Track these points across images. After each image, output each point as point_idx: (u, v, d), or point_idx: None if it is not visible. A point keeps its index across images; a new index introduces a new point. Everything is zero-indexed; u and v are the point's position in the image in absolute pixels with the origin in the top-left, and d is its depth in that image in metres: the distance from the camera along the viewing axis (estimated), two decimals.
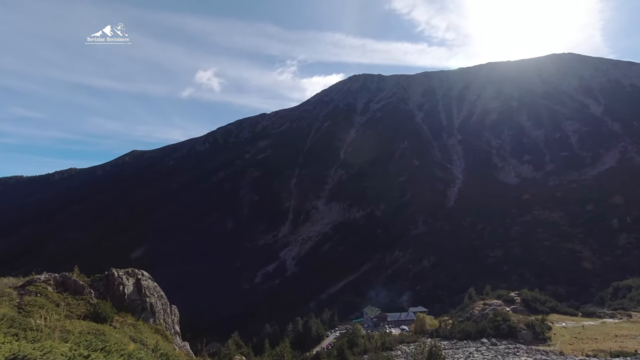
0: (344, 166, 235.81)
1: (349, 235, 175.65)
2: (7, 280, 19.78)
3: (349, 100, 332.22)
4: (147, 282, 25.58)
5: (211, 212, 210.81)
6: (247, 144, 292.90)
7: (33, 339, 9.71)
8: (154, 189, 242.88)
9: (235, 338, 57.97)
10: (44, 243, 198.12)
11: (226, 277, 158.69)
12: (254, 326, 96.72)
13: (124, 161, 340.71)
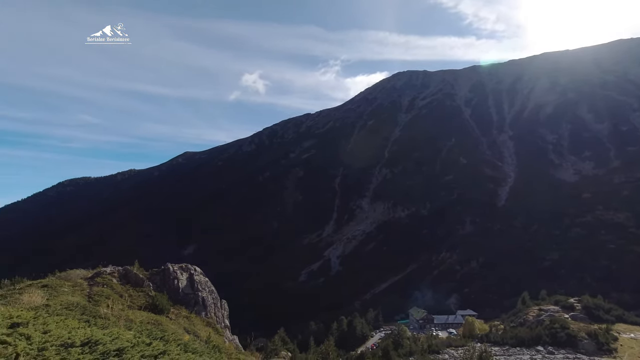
0: (389, 165, 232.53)
1: (394, 235, 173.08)
2: (79, 272, 21.84)
3: (393, 98, 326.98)
4: (199, 277, 27.05)
5: (257, 212, 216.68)
6: (292, 144, 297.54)
7: (102, 325, 10.76)
8: (204, 189, 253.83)
9: (281, 334, 59.39)
10: (107, 238, 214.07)
11: (271, 275, 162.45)
12: (298, 323, 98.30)
13: (177, 162, 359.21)
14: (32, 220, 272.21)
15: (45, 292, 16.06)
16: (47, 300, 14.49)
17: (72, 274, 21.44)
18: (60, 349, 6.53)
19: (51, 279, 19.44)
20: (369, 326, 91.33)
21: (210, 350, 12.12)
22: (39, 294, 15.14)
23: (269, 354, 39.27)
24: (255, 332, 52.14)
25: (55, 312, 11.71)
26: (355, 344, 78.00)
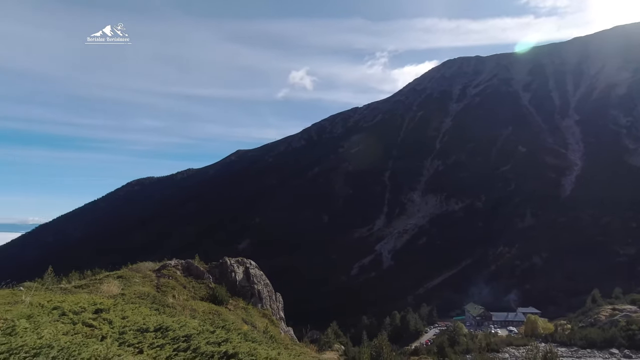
0: (440, 157, 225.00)
1: (447, 229, 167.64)
2: (147, 264, 23.82)
3: (443, 87, 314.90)
4: (255, 271, 28.26)
5: (307, 206, 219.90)
6: (340, 139, 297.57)
7: (170, 313, 11.78)
8: (255, 186, 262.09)
9: (334, 327, 60.14)
10: (169, 233, 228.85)
11: (323, 269, 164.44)
12: (351, 317, 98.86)
13: (230, 160, 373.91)
14: (107, 217, 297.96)
15: (120, 283, 17.79)
16: (122, 290, 16.06)
17: (141, 266, 23.44)
18: (137, 333, 7.32)
19: (125, 271, 21.40)
20: (422, 322, 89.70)
21: (267, 340, 12.76)
22: (116, 284, 16.82)
23: (323, 346, 40.06)
24: (307, 325, 53.34)
25: (130, 301, 13.01)
26: (408, 339, 77.05)
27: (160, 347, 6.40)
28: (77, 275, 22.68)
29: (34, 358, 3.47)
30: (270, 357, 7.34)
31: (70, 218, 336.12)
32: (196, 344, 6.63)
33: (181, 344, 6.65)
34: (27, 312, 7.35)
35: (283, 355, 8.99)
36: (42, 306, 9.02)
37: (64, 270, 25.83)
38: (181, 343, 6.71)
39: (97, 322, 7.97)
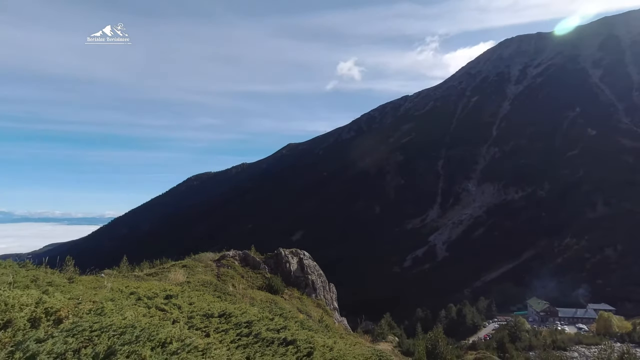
0: (497, 143, 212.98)
1: (506, 219, 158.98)
2: (208, 255, 25.34)
3: (500, 69, 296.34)
4: (308, 262, 28.92)
5: (358, 198, 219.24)
6: (391, 129, 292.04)
7: (231, 301, 12.53)
8: (307, 178, 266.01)
9: (387, 319, 59.87)
10: (226, 226, 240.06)
11: (375, 260, 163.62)
12: (404, 309, 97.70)
13: (282, 154, 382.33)
14: (171, 210, 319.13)
15: (185, 271, 19.14)
16: (188, 278, 17.30)
17: (203, 257, 24.97)
18: (203, 318, 7.91)
19: (188, 261, 22.95)
20: (480, 316, 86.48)
21: (323, 328, 13.11)
22: (181, 272, 18.14)
23: (376, 337, 40.13)
24: (360, 316, 53.59)
25: (194, 288, 13.99)
26: (465, 333, 74.72)
27: (224, 332, 6.88)
28: (148, 264, 24.71)
29: (121, 336, 3.95)
30: (326, 345, 7.58)
31: (140, 212, 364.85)
32: (257, 330, 7.04)
33: (243, 330, 7.09)
34: (110, 296, 8.23)
35: (339, 344, 9.22)
36: (121, 291, 10.01)
37: (136, 259, 28.26)
38: (243, 328, 7.15)
39: (168, 306, 8.70)
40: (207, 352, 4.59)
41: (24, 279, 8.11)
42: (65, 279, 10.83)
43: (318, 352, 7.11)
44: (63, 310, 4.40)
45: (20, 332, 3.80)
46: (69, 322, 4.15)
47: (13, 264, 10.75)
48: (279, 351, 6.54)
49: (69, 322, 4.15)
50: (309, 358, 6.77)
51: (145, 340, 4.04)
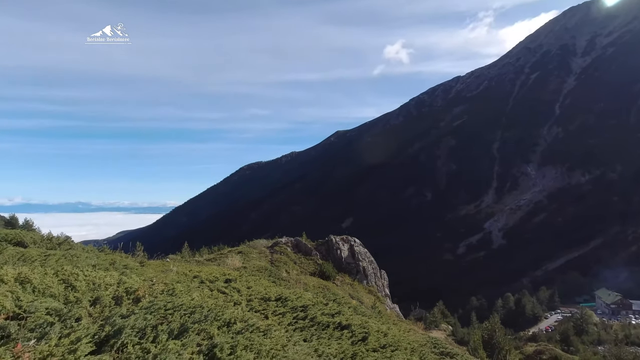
0: (561, 122, 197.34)
1: (570, 204, 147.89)
2: (262, 242, 26.36)
3: (564, 40, 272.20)
4: (359, 248, 29.05)
5: (409, 184, 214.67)
6: (442, 112, 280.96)
7: (285, 286, 13.02)
8: (356, 165, 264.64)
9: (440, 307, 58.70)
10: (277, 214, 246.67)
11: (427, 247, 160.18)
12: (458, 298, 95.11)
13: (330, 142, 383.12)
14: (225, 199, 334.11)
15: (241, 257, 20.10)
16: (244, 264, 18.16)
17: (257, 243, 26.00)
18: (261, 301, 8.32)
19: (243, 247, 24.04)
20: (541, 306, 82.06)
21: (376, 314, 13.21)
22: (237, 258, 19.08)
23: (429, 325, 39.60)
24: (412, 304, 53.00)
25: (251, 273, 14.67)
26: (524, 324, 71.40)
27: (282, 315, 7.19)
28: (206, 250, 26.24)
29: (191, 315, 4.30)
30: (381, 331, 7.66)
31: (197, 201, 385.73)
32: (313, 314, 7.28)
33: (299, 313, 7.37)
34: (176, 279, 8.90)
35: (393, 330, 9.27)
36: (185, 275, 10.76)
37: (195, 245, 30.10)
38: (299, 312, 7.43)
39: (228, 290, 9.23)
40: (267, 333, 4.86)
41: (103, 262, 9.01)
42: (137, 263, 11.85)
43: (373, 337, 7.22)
44: (140, 290, 4.86)
45: (107, 308, 4.26)
46: (146, 301, 4.59)
47: (94, 249, 11.94)
48: (335, 335, 6.73)
49: (146, 301, 4.59)
50: (363, 343, 6.90)
51: (212, 319, 4.37)
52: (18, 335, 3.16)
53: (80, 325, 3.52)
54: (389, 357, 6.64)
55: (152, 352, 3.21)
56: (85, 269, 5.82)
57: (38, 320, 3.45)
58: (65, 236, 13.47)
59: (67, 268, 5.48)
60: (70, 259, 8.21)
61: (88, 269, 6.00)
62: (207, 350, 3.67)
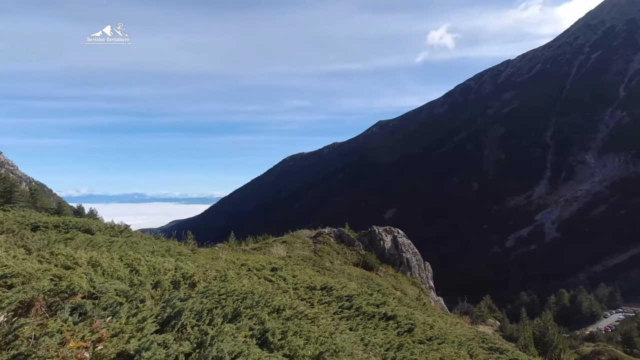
0: (626, 106, 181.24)
1: (636, 195, 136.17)
2: (305, 232, 26.81)
3: (631, 15, 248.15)
4: (403, 239, 28.69)
5: (454, 174, 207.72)
6: (489, 99, 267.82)
7: (329, 275, 13.20)
8: (399, 155, 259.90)
9: (487, 301, 56.80)
10: (319, 204, 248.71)
11: (473, 240, 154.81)
12: (506, 292, 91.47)
13: (372, 132, 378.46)
14: (269, 190, 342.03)
15: (285, 247, 20.58)
16: (288, 253, 18.59)
17: (300, 233, 26.47)
18: (307, 290, 8.50)
19: (287, 237, 24.58)
20: (600, 304, 76.92)
21: (421, 306, 13.07)
22: (282, 247, 19.57)
23: (476, 320, 38.46)
24: (465, 296, 51.75)
25: (295, 262, 15.01)
26: (580, 323, 67.37)
27: (327, 304, 7.32)
28: (252, 240, 27.11)
29: (243, 300, 4.51)
30: (427, 323, 7.58)
31: (242, 192, 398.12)
32: (358, 304, 7.34)
33: (345, 303, 7.46)
34: (225, 266, 9.30)
35: (439, 323, 9.13)
36: (234, 262, 11.21)
37: (241, 234, 31.18)
38: (345, 302, 7.52)
39: (274, 278, 9.52)
40: (315, 321, 4.97)
41: (160, 248, 9.60)
42: (189, 250, 12.52)
43: (419, 328, 7.16)
44: (196, 276, 5.15)
45: (166, 292, 4.57)
46: (201, 286, 4.86)
47: (151, 237, 12.75)
48: (380, 325, 6.76)
49: (201, 286, 4.86)
50: (409, 334, 6.87)
51: (263, 305, 4.55)
52: (93, 313, 3.48)
53: (145, 306, 3.81)
54: (435, 350, 6.57)
55: (209, 333, 3.41)
56: (145, 255, 6.25)
57: (109, 300, 3.77)
58: (125, 224, 14.47)
59: (130, 253, 5.92)
60: (131, 245, 8.83)
61: (147, 255, 6.44)
62: (260, 334, 3.83)
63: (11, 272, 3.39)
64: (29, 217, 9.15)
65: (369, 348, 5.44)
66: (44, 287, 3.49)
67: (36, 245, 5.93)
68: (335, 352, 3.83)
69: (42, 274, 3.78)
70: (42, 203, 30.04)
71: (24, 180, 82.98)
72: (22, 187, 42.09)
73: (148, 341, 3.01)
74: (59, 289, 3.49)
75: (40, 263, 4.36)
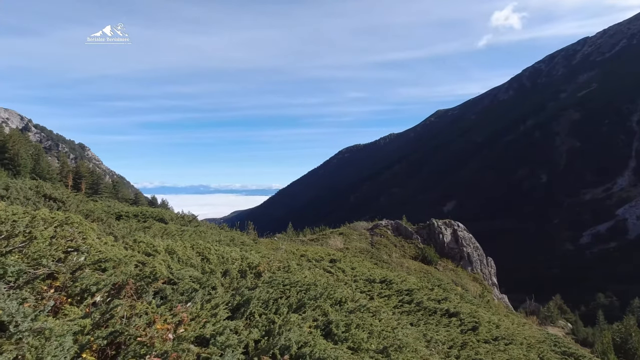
0: None
1: None
2: (362, 224, 26.76)
3: None
4: (463, 233, 27.58)
5: (520, 165, 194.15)
6: (562, 82, 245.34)
7: (387, 268, 13.08)
8: (459, 145, 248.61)
9: (557, 301, 52.83)
10: (376, 196, 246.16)
11: (542, 235, 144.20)
12: (579, 293, 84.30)
13: (430, 121, 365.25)
14: (325, 182, 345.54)
15: (342, 238, 20.73)
16: (345, 245, 18.71)
17: (357, 225, 26.47)
18: (366, 282, 8.51)
19: (344, 229, 24.72)
20: None
21: (484, 304, 12.52)
22: (339, 239, 19.73)
23: (544, 321, 36.07)
24: (523, 295, 48.76)
25: (353, 254, 15.07)
26: None
27: (387, 297, 7.27)
28: (309, 231, 27.65)
29: (307, 291, 4.63)
30: (492, 322, 7.25)
31: (299, 184, 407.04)
32: (419, 298, 7.21)
33: (405, 297, 7.36)
34: (285, 257, 9.60)
35: (505, 322, 8.68)
36: (293, 253, 11.52)
37: (298, 225, 31.92)
38: (405, 296, 7.42)
39: (333, 269, 9.64)
40: (377, 314, 4.97)
41: (225, 238, 10.15)
42: (251, 240, 13.09)
43: (484, 327, 6.87)
44: (261, 266, 5.39)
45: (234, 280, 4.83)
46: (266, 276, 5.08)
47: (216, 226, 13.52)
48: (442, 322, 6.58)
49: (266, 276, 5.08)
50: (474, 332, 6.61)
51: (325, 297, 4.64)
52: (172, 297, 3.79)
53: (217, 293, 4.06)
54: (502, 351, 6.27)
55: (276, 322, 3.56)
56: (214, 244, 6.65)
57: (185, 286, 4.07)
58: (192, 215, 15.48)
59: (200, 242, 6.32)
60: (200, 234, 9.44)
61: (215, 244, 6.84)
62: (324, 325, 3.92)
63: (104, 257, 3.79)
64: (113, 207, 10.13)
65: (431, 345, 5.34)
66: (130, 271, 3.87)
67: (121, 233, 6.56)
68: (399, 347, 3.81)
69: (128, 260, 4.17)
70: (123, 194, 33.11)
71: (107, 174, 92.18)
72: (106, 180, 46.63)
73: (221, 327, 3.21)
74: (143, 274, 3.84)
75: (126, 249, 4.82)
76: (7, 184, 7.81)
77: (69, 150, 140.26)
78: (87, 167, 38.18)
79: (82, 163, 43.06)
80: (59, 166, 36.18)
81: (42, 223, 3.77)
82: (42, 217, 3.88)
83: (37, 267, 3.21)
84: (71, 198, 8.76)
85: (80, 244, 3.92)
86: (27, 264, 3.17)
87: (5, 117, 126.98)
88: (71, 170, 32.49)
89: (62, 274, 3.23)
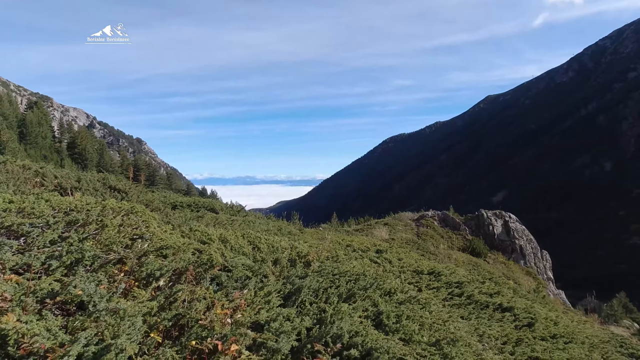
0: None
1: None
2: (407, 214, 26.28)
3: None
4: (515, 225, 26.28)
5: (580, 152, 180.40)
6: (631, 60, 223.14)
7: (435, 260, 12.81)
8: (510, 132, 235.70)
9: (622, 299, 48.96)
10: (421, 186, 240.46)
11: (605, 228, 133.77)
12: None
13: (479, 108, 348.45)
14: (370, 172, 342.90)
15: (387, 229, 20.52)
16: (391, 235, 18.51)
17: (402, 216, 26.04)
18: (413, 274, 8.39)
19: (389, 219, 24.44)
20: None
21: (540, 300, 11.91)
22: (384, 230, 19.55)
23: (606, 319, 33.68)
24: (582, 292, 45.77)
25: (399, 245, 14.88)
26: None
27: (436, 289, 7.13)
28: (353, 221, 27.63)
29: (357, 281, 4.66)
30: (549, 318, 6.89)
31: (343, 174, 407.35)
32: (469, 292, 6.99)
33: (454, 289, 7.17)
34: (332, 247, 9.68)
35: (563, 320, 8.20)
36: (339, 243, 11.59)
37: (342, 216, 31.97)
38: (454, 288, 7.23)
39: (379, 260, 9.59)
40: (426, 307, 4.90)
41: (273, 227, 10.42)
42: (297, 230, 13.33)
43: (540, 324, 6.54)
44: (310, 255, 5.48)
45: (285, 269, 4.95)
46: (315, 265, 5.16)
47: (263, 216, 13.91)
48: (495, 316, 6.35)
49: (315, 265, 5.16)
50: (529, 329, 6.32)
51: (375, 287, 4.64)
52: (227, 284, 3.97)
53: (269, 281, 4.20)
54: (562, 350, 5.94)
55: (327, 311, 3.62)
56: (263, 234, 6.86)
57: (238, 273, 4.25)
58: (240, 205, 16.01)
59: (250, 232, 6.55)
60: (249, 224, 9.76)
61: (264, 233, 7.05)
62: (374, 316, 3.93)
63: (165, 244, 4.04)
64: (169, 198, 10.74)
65: (484, 340, 5.18)
66: (189, 258, 4.10)
67: (177, 222, 6.94)
68: (452, 340, 3.74)
69: (186, 247, 4.42)
70: (176, 185, 34.96)
71: (162, 166, 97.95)
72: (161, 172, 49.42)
73: (275, 313, 3.33)
74: (200, 261, 4.05)
75: (183, 237, 5.10)
76: (78, 177, 8.53)
77: (127, 144, 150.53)
78: (144, 160, 40.74)
79: (139, 157, 46.00)
80: (119, 159, 38.97)
81: (111, 212, 4.08)
82: (110, 206, 4.21)
83: (108, 252, 3.50)
84: (132, 189, 9.39)
85: (144, 232, 4.21)
86: (100, 249, 3.47)
87: (74, 115, 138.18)
88: (131, 163, 34.87)
89: (129, 259, 3.49)
